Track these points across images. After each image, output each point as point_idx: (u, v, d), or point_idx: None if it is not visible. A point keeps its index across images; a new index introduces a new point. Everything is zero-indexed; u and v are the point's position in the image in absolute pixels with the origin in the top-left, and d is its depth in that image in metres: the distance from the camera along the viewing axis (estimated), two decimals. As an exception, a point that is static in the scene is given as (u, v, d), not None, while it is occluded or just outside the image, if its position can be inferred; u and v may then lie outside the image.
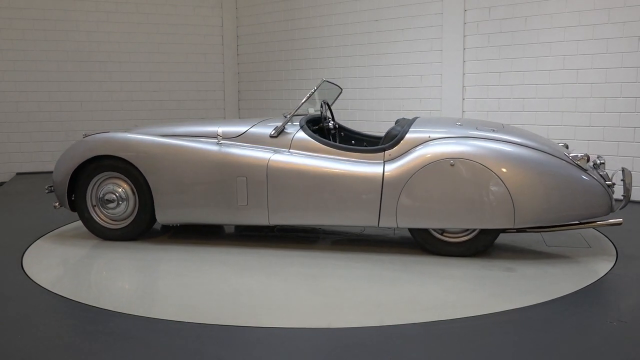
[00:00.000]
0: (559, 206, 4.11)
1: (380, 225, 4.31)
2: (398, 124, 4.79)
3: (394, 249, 4.60)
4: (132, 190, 4.84)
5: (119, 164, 4.79)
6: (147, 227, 4.91)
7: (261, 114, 8.81)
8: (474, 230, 4.27)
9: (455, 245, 4.33)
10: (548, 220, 4.14)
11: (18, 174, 8.83)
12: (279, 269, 4.19)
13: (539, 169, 4.11)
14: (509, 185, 4.05)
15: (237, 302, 3.57)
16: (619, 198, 4.26)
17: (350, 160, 4.46)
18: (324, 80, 5.17)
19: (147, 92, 9.62)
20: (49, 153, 9.02)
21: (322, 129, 5.18)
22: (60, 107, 9.08)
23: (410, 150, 4.32)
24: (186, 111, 9.83)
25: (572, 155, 4.20)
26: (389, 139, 4.49)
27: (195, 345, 2.94)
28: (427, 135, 4.36)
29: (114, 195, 4.82)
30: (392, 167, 4.29)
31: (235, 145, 4.71)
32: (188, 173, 4.66)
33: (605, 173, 4.32)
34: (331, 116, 5.40)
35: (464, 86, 7.47)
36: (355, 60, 8.52)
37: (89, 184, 4.90)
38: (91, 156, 4.81)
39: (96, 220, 4.95)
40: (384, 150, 4.40)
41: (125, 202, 4.85)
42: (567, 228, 4.30)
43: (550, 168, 4.13)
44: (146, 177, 4.73)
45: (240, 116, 10.21)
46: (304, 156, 4.54)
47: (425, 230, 4.34)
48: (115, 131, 5.14)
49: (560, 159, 4.19)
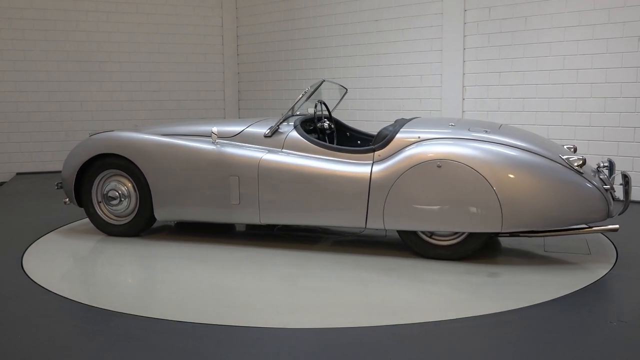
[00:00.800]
0: (550, 210, 3.96)
1: (367, 226, 4.28)
2: (394, 124, 4.77)
3: (385, 250, 4.55)
4: (134, 187, 4.94)
5: (121, 162, 4.90)
6: (149, 224, 5.01)
7: (261, 114, 8.81)
8: (463, 233, 4.16)
9: (443, 249, 4.23)
10: (539, 224, 4.01)
11: (18, 174, 8.82)
12: (269, 267, 4.20)
13: (529, 171, 3.99)
14: (497, 188, 3.93)
15: (235, 302, 3.57)
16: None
17: (340, 160, 4.44)
18: (323, 80, 5.17)
19: (147, 92, 9.62)
20: (49, 153, 9.02)
21: (318, 129, 5.16)
22: (60, 107, 9.08)
23: (399, 151, 4.26)
24: (186, 111, 9.83)
25: (567, 157, 4.07)
26: (380, 139, 4.45)
27: (195, 345, 2.94)
28: (417, 136, 4.29)
29: (117, 192, 4.94)
30: (380, 168, 4.25)
31: (230, 144, 4.75)
32: (184, 171, 4.74)
33: (606, 177, 4.17)
34: (329, 115, 5.37)
35: (464, 86, 7.47)
36: (355, 60, 8.52)
37: (94, 181, 5.03)
38: (95, 154, 4.95)
39: (101, 216, 5.06)
40: (374, 150, 4.37)
41: (127, 199, 4.96)
42: (563, 233, 4.17)
43: (542, 171, 4.00)
44: (145, 175, 4.83)
45: (240, 116, 10.21)
46: (295, 156, 4.55)
47: (414, 233, 4.27)
48: (119, 130, 5.23)
49: (555, 161, 4.06)
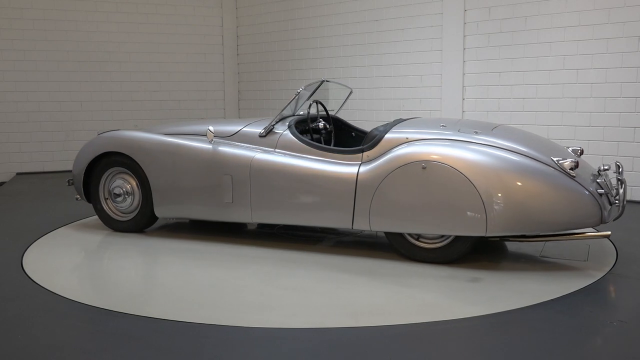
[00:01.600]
0: (537, 214, 3.82)
1: (354, 227, 4.27)
2: (386, 124, 4.74)
3: (377, 252, 4.50)
4: (137, 185, 5.09)
5: (125, 160, 5.06)
6: (151, 221, 5.15)
7: (261, 114, 8.81)
8: (449, 236, 4.08)
9: (429, 252, 4.16)
10: (526, 229, 3.87)
11: (18, 174, 8.82)
12: (249, 265, 4.20)
13: (515, 174, 3.86)
14: (481, 190, 3.83)
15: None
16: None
17: (329, 160, 4.43)
18: (323, 80, 5.17)
19: (147, 92, 9.62)
20: (49, 153, 9.02)
21: (314, 129, 5.14)
22: (60, 107, 9.08)
23: (387, 151, 4.22)
24: (186, 111, 9.83)
25: (558, 160, 3.94)
26: (368, 140, 4.41)
27: (195, 345, 2.94)
28: (405, 137, 4.24)
29: (122, 189, 5.12)
30: (367, 169, 4.22)
31: (226, 143, 4.82)
32: (182, 170, 4.85)
33: (604, 181, 4.01)
34: (326, 116, 5.34)
35: (464, 86, 7.47)
36: (355, 60, 8.52)
37: (101, 178, 5.21)
38: (101, 152, 5.14)
39: (107, 212, 5.24)
40: (362, 151, 4.35)
41: (131, 197, 5.13)
42: (553, 238, 4.11)
43: (530, 173, 3.87)
44: (146, 173, 4.96)
45: (240, 116, 10.21)
46: (287, 156, 4.57)
47: (400, 235, 4.22)
48: (125, 129, 5.39)
49: (546, 164, 3.93)
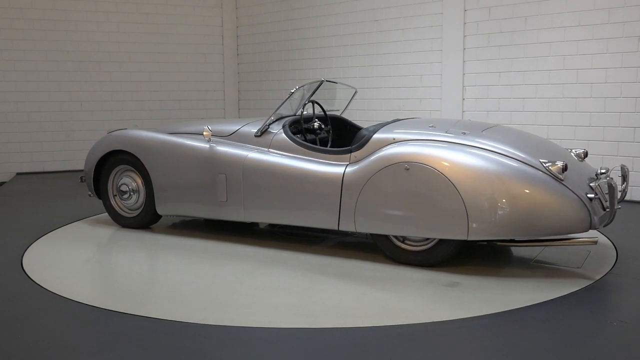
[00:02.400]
0: (521, 219, 3.70)
1: (340, 228, 4.26)
2: (376, 125, 4.72)
3: (367, 254, 4.45)
4: (142, 183, 5.22)
5: (131, 159, 5.22)
6: (155, 218, 5.28)
7: (261, 114, 8.79)
8: (434, 239, 4.02)
9: (413, 254, 4.11)
10: (509, 234, 3.76)
11: (18, 174, 8.82)
12: (231, 264, 4.21)
13: (499, 177, 3.75)
14: (463, 193, 3.75)
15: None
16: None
17: (318, 161, 4.44)
18: (322, 80, 5.16)
19: (147, 92, 9.62)
20: (49, 153, 9.02)
21: (309, 129, 5.13)
22: (60, 107, 9.08)
23: (374, 152, 4.19)
24: (186, 111, 9.83)
25: (546, 163, 3.82)
26: (357, 140, 4.40)
27: (194, 345, 2.94)
28: (392, 137, 4.21)
29: (128, 187, 5.28)
30: (352, 170, 4.21)
31: (223, 143, 4.90)
32: (181, 168, 4.95)
33: (598, 185, 3.84)
34: (324, 116, 5.33)
35: (464, 86, 7.47)
36: (355, 60, 8.52)
37: (109, 175, 5.38)
38: (108, 150, 5.31)
39: (115, 208, 5.41)
40: (351, 151, 4.34)
41: (136, 194, 5.28)
42: (539, 244, 4.01)
43: (514, 177, 3.75)
44: (148, 171, 5.09)
45: (240, 116, 10.21)
46: (279, 156, 4.60)
47: (386, 237, 4.18)
48: (132, 129, 5.56)
49: (533, 167, 3.82)
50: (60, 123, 9.08)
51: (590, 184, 3.89)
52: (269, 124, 4.82)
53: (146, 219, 5.25)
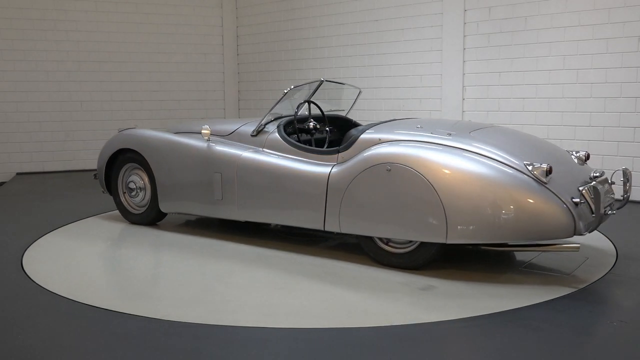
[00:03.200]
0: (501, 223, 3.60)
1: (325, 228, 4.25)
2: (365, 126, 4.70)
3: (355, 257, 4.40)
4: (149, 180, 5.33)
5: (138, 157, 5.35)
6: (160, 215, 5.38)
7: (261, 114, 8.78)
8: (416, 241, 3.94)
9: (396, 257, 4.05)
10: (489, 237, 3.65)
11: (18, 174, 8.82)
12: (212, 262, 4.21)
13: (480, 180, 3.67)
14: (442, 195, 3.69)
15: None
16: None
17: (307, 161, 4.45)
18: (322, 80, 5.16)
19: (147, 92, 9.62)
20: (49, 153, 9.02)
21: (305, 129, 5.10)
22: (60, 107, 9.08)
23: (359, 152, 4.16)
24: (186, 111, 9.83)
25: (530, 165, 3.70)
26: (345, 140, 4.39)
27: (194, 345, 2.94)
28: (378, 138, 4.17)
29: (135, 184, 5.43)
30: (338, 170, 4.20)
31: (220, 142, 4.98)
32: (181, 166, 5.04)
33: (587, 190, 3.70)
34: (322, 116, 5.30)
35: (464, 86, 7.47)
36: (355, 60, 8.52)
37: (119, 173, 5.53)
38: (117, 149, 5.46)
39: (124, 204, 5.56)
40: (338, 152, 4.34)
41: (143, 191, 5.42)
42: (523, 249, 3.97)
43: (495, 179, 3.65)
44: (152, 169, 5.20)
45: (240, 116, 10.21)
46: (271, 155, 4.64)
47: (370, 239, 4.14)
48: (140, 128, 5.74)
49: (518, 170, 3.70)
50: (60, 123, 9.08)
51: (580, 187, 3.74)
52: (265, 124, 4.86)
53: (151, 216, 5.38)
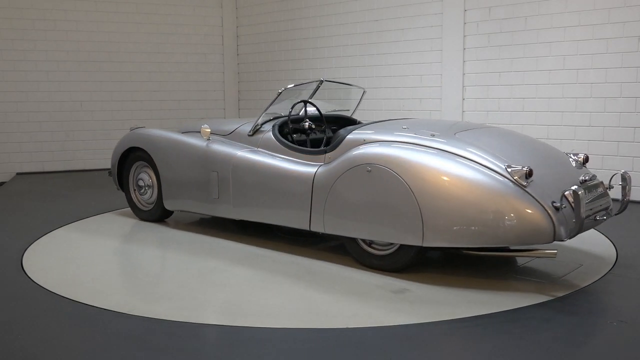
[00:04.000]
0: (477, 226, 3.52)
1: (311, 228, 4.26)
2: (354, 126, 4.68)
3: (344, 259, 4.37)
4: (156, 178, 5.42)
5: (146, 155, 5.45)
6: (167, 212, 5.47)
7: (261, 114, 8.80)
8: (396, 244, 3.90)
9: (378, 259, 4.02)
10: (466, 241, 3.59)
11: (18, 174, 8.82)
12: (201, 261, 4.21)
13: (458, 182, 3.61)
14: (419, 198, 3.65)
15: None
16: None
17: (296, 160, 4.47)
18: (322, 80, 5.16)
19: (147, 92, 9.62)
20: (49, 153, 9.02)
21: (300, 129, 5.10)
22: (60, 107, 9.07)
23: (344, 153, 4.15)
24: (186, 111, 9.83)
25: (510, 168, 3.59)
26: (332, 141, 4.39)
27: (194, 345, 2.94)
28: (363, 138, 4.16)
29: (143, 182, 5.55)
30: (323, 170, 4.21)
31: (219, 141, 5.03)
32: (182, 165, 5.13)
33: (571, 193, 3.57)
34: (320, 116, 5.29)
35: (464, 86, 7.47)
36: (355, 61, 8.52)
37: (130, 170, 5.66)
38: (128, 147, 5.58)
39: (134, 201, 5.69)
40: (325, 152, 4.34)
41: (150, 189, 5.53)
42: (500, 254, 3.93)
43: (473, 182, 3.58)
44: (157, 167, 5.32)
45: (240, 116, 10.21)
46: (264, 155, 4.68)
47: (354, 240, 4.12)
48: (150, 127, 5.88)
49: (497, 172, 3.61)
50: (60, 123, 9.08)
51: (566, 191, 3.61)
52: (261, 124, 4.90)
53: (158, 213, 5.48)
